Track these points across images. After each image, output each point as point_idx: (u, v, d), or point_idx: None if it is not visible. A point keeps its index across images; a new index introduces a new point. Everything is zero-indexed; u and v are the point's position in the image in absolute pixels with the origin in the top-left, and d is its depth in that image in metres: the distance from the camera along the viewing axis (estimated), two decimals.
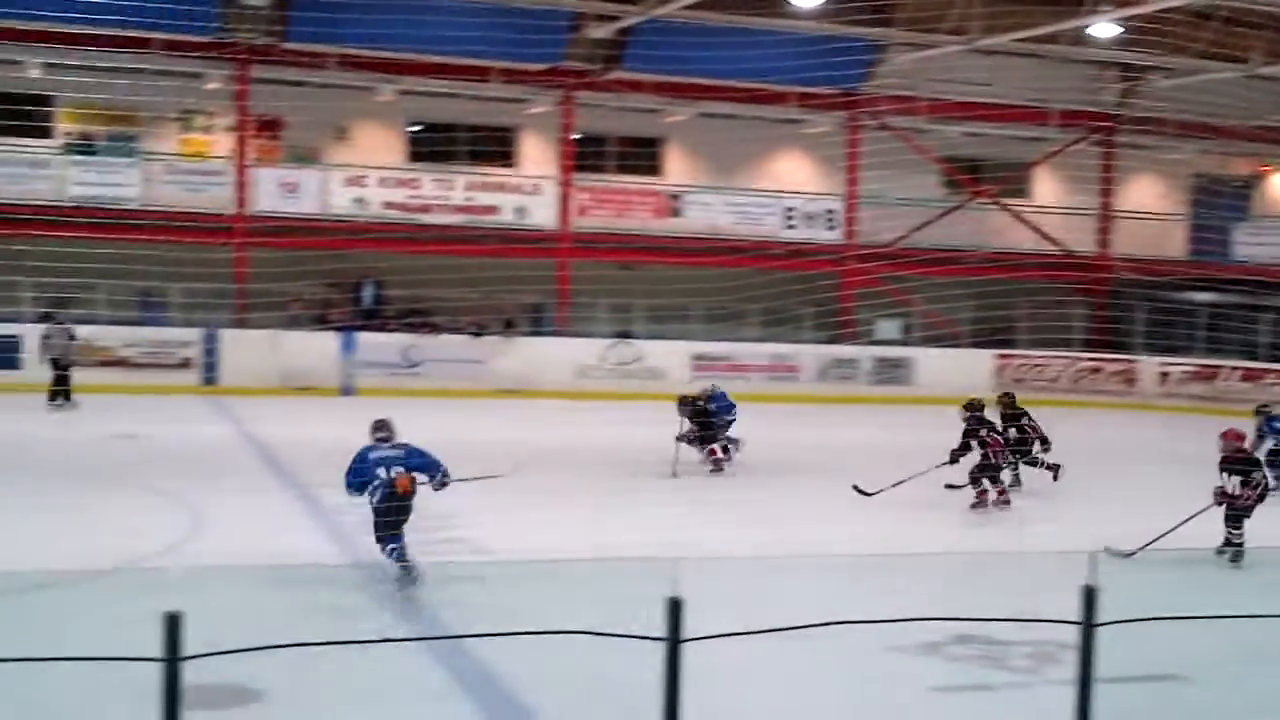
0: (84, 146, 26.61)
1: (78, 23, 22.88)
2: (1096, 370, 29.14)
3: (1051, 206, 32.42)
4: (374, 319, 26.27)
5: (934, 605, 9.20)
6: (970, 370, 26.90)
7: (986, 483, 14.72)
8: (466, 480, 11.35)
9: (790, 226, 29.51)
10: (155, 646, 5.14)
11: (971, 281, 29.04)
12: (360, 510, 13.40)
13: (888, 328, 30.29)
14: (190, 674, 5.14)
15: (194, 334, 24.30)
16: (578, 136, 28.70)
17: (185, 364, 23.92)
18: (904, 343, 29.86)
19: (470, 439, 16.43)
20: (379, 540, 10.55)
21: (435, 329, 25.81)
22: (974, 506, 14.68)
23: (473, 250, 26.62)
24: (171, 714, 5.13)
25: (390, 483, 10.48)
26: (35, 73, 25.10)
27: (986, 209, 31.43)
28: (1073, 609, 6.29)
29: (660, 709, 5.80)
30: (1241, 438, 12.59)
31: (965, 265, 28.85)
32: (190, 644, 5.11)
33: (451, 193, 27.48)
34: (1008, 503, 14.92)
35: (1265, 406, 17.22)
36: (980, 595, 10.35)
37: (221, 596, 9.14)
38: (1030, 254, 30.67)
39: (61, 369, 21.23)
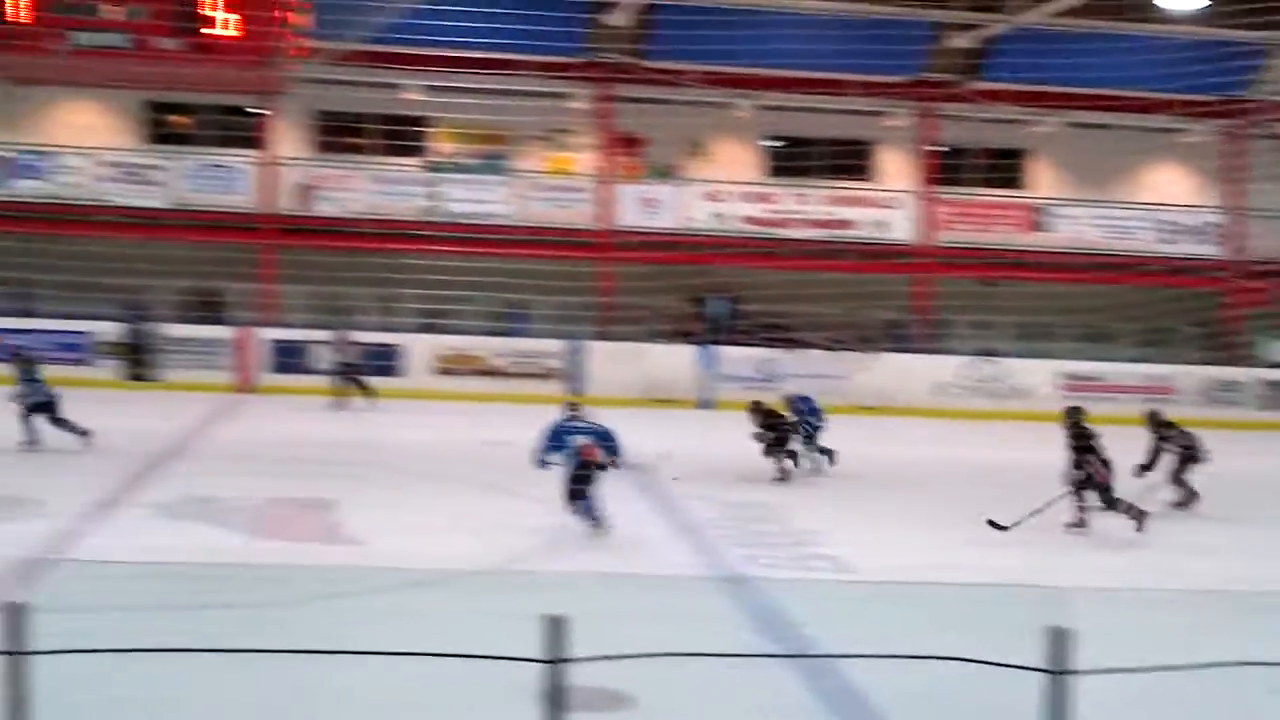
0: (458, 165, 27.90)
1: (454, 47, 23.98)
2: None
3: None
4: (728, 333, 26.40)
5: None
6: None
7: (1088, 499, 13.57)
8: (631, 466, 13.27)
9: (1167, 241, 28.00)
10: (523, 646, 5.22)
11: None
12: (724, 525, 13.52)
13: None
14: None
15: (560, 345, 25.04)
16: (938, 149, 28.12)
17: (551, 374, 24.67)
18: None
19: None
20: (569, 498, 12.56)
21: (796, 344, 25.67)
22: (1070, 526, 13.62)
23: (830, 265, 26.45)
24: (555, 715, 5.22)
25: (579, 450, 12.48)
26: (414, 95, 26.50)
27: None
28: None
29: None
30: None
31: None
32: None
33: (808, 207, 27.39)
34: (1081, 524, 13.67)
35: None
36: None
37: (588, 600, 9.29)
38: None
39: (341, 374, 22.38)
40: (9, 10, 20.00)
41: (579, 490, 12.51)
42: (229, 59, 21.48)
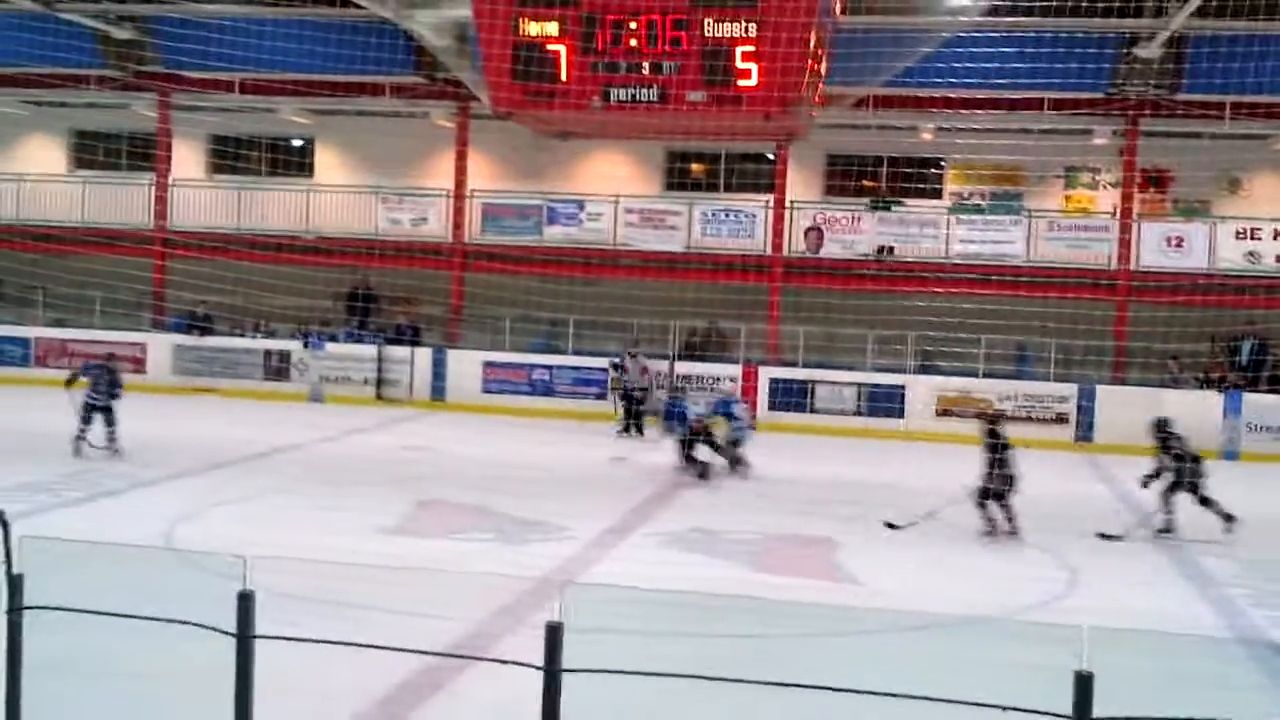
0: (971, 206, 27.49)
1: (971, 88, 23.65)
2: None
3: None
4: (1255, 379, 24.45)
5: None
6: None
7: (994, 510, 14.53)
8: None
9: None
10: (1021, 697, 4.99)
11: None
12: (1247, 583, 12.58)
13: None
14: None
15: (1070, 389, 24.07)
16: None
17: (1060, 419, 23.76)
18: None
19: None
20: (680, 457, 17.91)
21: None
22: (986, 534, 14.46)
23: None
24: None
25: (690, 424, 17.84)
26: (927, 136, 26.37)
27: None
28: None
29: None
30: None
31: None
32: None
33: None
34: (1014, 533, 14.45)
35: None
36: None
37: (1096, 656, 8.82)
38: None
39: (633, 401, 23.43)
40: (558, 72, 21.49)
41: (687, 454, 17.72)
42: (751, 109, 22.09)
